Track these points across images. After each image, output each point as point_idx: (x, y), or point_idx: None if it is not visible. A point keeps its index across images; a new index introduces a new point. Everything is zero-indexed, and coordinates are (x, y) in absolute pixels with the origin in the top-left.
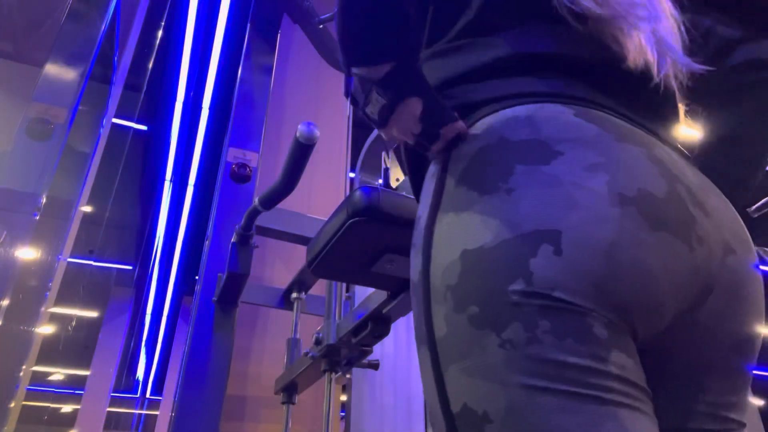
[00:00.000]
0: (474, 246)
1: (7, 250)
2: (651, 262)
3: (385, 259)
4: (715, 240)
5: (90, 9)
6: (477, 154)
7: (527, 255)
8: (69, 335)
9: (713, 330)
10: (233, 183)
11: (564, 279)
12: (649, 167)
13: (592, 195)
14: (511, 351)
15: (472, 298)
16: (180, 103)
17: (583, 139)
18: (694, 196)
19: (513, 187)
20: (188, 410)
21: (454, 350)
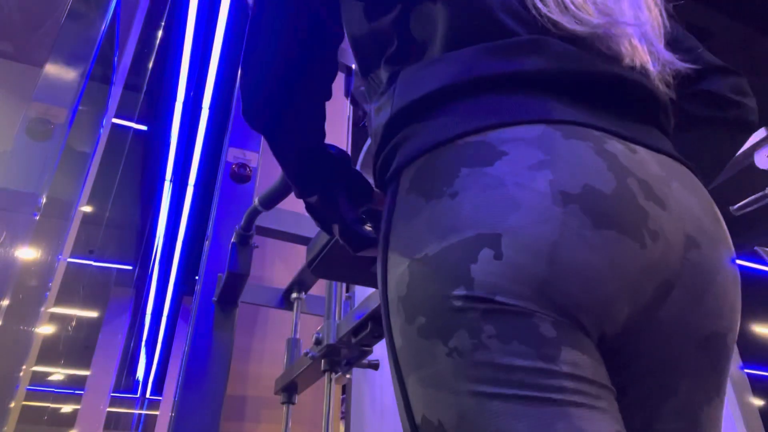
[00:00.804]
0: (419, 255)
1: (7, 250)
2: (595, 261)
3: None
4: (673, 234)
5: (90, 9)
6: (425, 159)
7: (468, 260)
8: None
9: (678, 327)
10: (233, 183)
11: (505, 283)
12: (596, 162)
13: (535, 195)
14: (459, 359)
15: (419, 308)
16: (180, 103)
17: (527, 138)
18: (650, 189)
19: (457, 190)
20: (188, 410)
21: (411, 361)
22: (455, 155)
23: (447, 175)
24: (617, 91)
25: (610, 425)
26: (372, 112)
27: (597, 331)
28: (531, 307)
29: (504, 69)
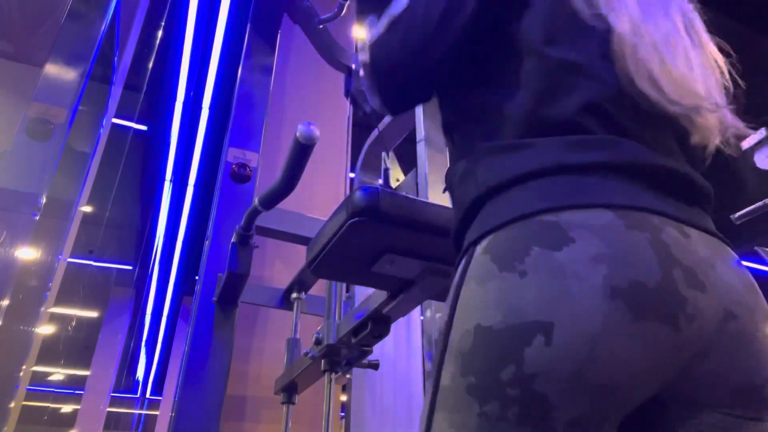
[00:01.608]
0: (486, 324)
1: (7, 250)
2: (630, 348)
3: (385, 260)
4: (710, 312)
5: (90, 9)
6: (505, 231)
7: (524, 344)
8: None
9: (713, 381)
10: (233, 183)
11: (546, 369)
12: (649, 255)
13: (588, 289)
14: (484, 421)
15: (473, 369)
16: (180, 103)
17: (594, 227)
18: (695, 275)
19: (526, 270)
20: (188, 410)
21: (449, 401)
22: (529, 233)
23: (520, 252)
24: (673, 180)
25: None
26: (455, 176)
27: (624, 406)
28: (557, 398)
29: (583, 159)
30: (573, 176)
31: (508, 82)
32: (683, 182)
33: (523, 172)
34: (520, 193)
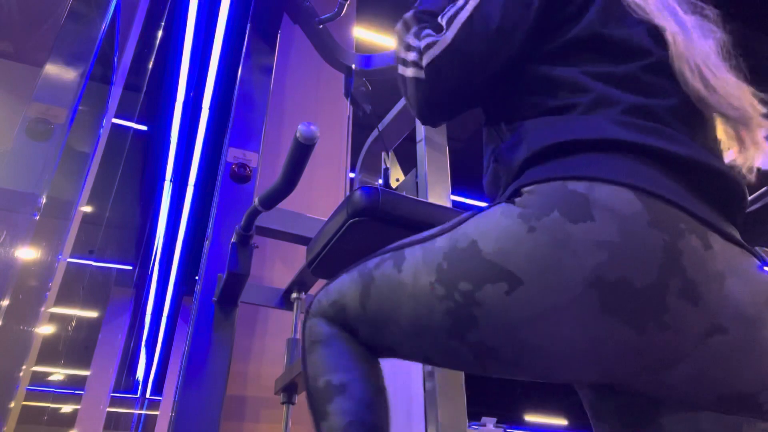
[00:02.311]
0: (481, 245)
1: (7, 250)
2: (584, 331)
3: None
4: (693, 324)
5: (90, 9)
6: (541, 186)
7: (489, 280)
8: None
9: (690, 389)
10: (233, 183)
11: (489, 305)
12: (654, 258)
13: (577, 269)
14: (428, 289)
15: (452, 260)
16: (180, 103)
17: (619, 214)
18: (693, 288)
19: (536, 227)
20: (188, 410)
21: (427, 253)
22: (558, 197)
23: (542, 210)
24: (715, 181)
25: None
26: (503, 150)
27: (546, 375)
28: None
29: (634, 139)
30: (619, 153)
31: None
32: (725, 185)
33: (571, 139)
34: (564, 159)
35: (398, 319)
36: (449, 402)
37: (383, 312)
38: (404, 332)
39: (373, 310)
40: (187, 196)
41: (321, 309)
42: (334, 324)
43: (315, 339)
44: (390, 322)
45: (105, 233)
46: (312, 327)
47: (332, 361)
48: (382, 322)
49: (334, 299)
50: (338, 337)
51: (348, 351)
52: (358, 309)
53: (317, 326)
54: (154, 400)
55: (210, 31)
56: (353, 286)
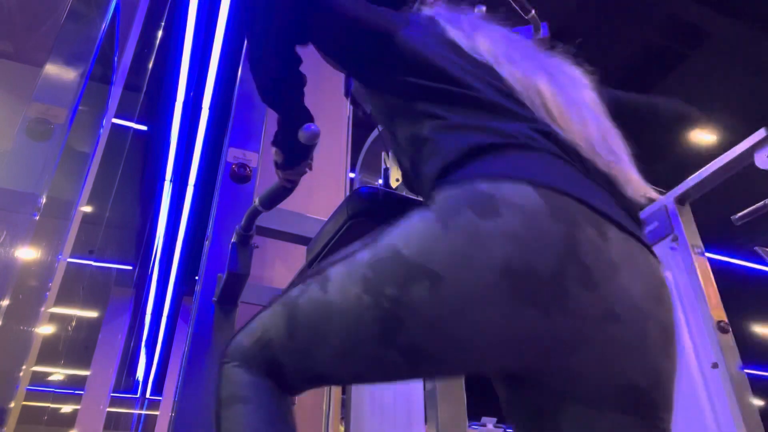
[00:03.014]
0: (403, 249)
1: (7, 250)
2: (491, 321)
3: None
4: (590, 309)
5: (90, 9)
6: (454, 185)
7: (412, 281)
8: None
9: (590, 376)
10: (233, 183)
11: (414, 306)
12: (557, 247)
13: (487, 260)
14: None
15: (376, 270)
16: (180, 103)
17: (523, 209)
18: (589, 275)
19: (451, 226)
20: (188, 410)
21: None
22: (468, 197)
23: (455, 210)
24: (608, 183)
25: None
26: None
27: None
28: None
29: (531, 143)
30: (521, 153)
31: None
32: (617, 191)
33: (476, 144)
34: (472, 162)
35: (329, 338)
36: (449, 402)
37: (313, 335)
38: (336, 351)
39: (301, 337)
40: (187, 196)
41: (241, 350)
42: (255, 368)
43: (233, 392)
44: (320, 344)
45: (105, 233)
46: (229, 376)
47: (247, 422)
48: (312, 348)
49: (258, 336)
50: (258, 391)
51: (266, 413)
52: (285, 339)
53: (236, 375)
54: (154, 400)
55: (210, 31)
56: (278, 319)
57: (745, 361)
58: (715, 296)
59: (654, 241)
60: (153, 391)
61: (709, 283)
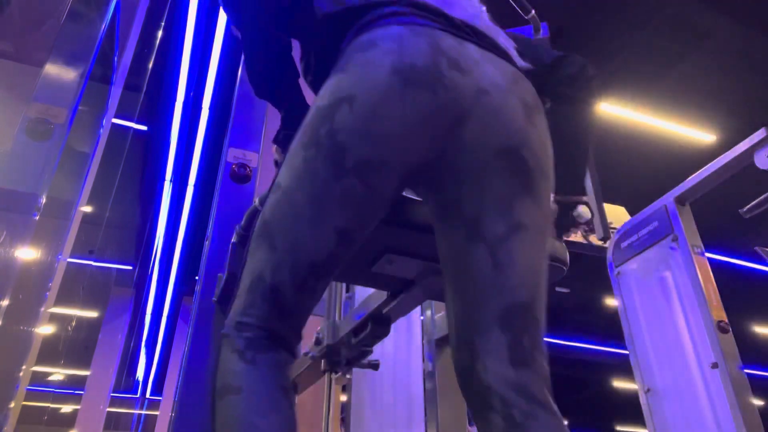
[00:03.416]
0: (319, 104)
1: (7, 250)
2: (401, 108)
3: (385, 260)
4: (466, 87)
5: (90, 9)
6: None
7: (335, 111)
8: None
9: (478, 143)
10: (233, 183)
11: (345, 126)
12: (423, 50)
13: (380, 69)
14: (304, 161)
15: (306, 131)
16: (180, 103)
17: (392, 36)
18: (457, 64)
19: (347, 68)
20: (188, 410)
21: (288, 160)
22: (354, 48)
23: (347, 60)
24: (465, 25)
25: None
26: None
27: (400, 154)
28: (352, 143)
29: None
30: (391, 17)
31: None
32: (478, 32)
33: (360, 4)
34: (357, 25)
35: (301, 215)
36: (449, 402)
37: (289, 224)
38: (312, 220)
39: (281, 238)
40: (187, 196)
41: (235, 321)
42: (256, 329)
43: (226, 383)
44: (299, 227)
45: (105, 233)
46: (225, 363)
47: (239, 414)
48: (293, 237)
49: (249, 282)
50: (250, 379)
51: (258, 403)
52: (271, 257)
53: (230, 362)
54: (154, 400)
55: (210, 31)
56: (256, 252)
57: (745, 361)
58: (715, 296)
59: (654, 241)
60: (153, 391)
61: (709, 283)
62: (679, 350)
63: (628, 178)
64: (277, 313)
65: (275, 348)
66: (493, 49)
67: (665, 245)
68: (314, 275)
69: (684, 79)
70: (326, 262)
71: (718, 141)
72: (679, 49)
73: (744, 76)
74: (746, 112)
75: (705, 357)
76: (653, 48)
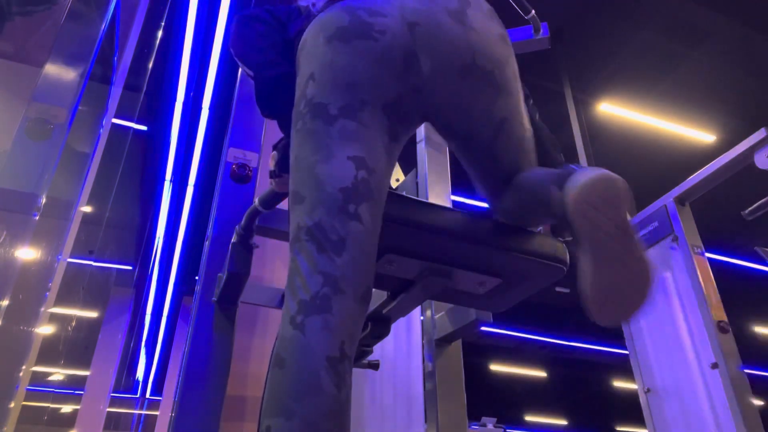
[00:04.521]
0: (309, 70)
1: (7, 250)
2: (351, 60)
3: (385, 260)
4: (394, 27)
5: (90, 9)
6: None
7: (306, 85)
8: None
9: (440, 73)
10: (233, 183)
11: (314, 92)
12: (340, 15)
13: (319, 44)
14: (302, 127)
15: (294, 115)
16: (180, 103)
17: (315, 26)
18: (374, 11)
19: (300, 64)
20: (188, 410)
21: (294, 131)
22: (299, 51)
23: (298, 59)
24: None
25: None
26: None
27: (372, 93)
28: (327, 98)
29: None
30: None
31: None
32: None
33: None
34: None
35: (314, 162)
36: (449, 402)
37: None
38: (323, 162)
39: (306, 187)
40: (187, 196)
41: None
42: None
43: (277, 352)
44: (317, 172)
45: (105, 233)
46: (281, 328)
47: (277, 394)
48: (316, 180)
49: (291, 246)
50: (299, 355)
51: (298, 381)
52: (302, 208)
53: (283, 328)
54: (154, 400)
55: (210, 31)
56: (293, 220)
57: (745, 361)
58: (715, 296)
59: (654, 241)
60: (153, 391)
61: (709, 283)
62: (679, 350)
63: (628, 178)
64: (325, 251)
65: (327, 307)
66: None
67: (665, 245)
68: (352, 200)
69: (684, 79)
70: (357, 186)
71: (718, 141)
72: (679, 49)
73: (744, 76)
74: (746, 112)
75: (705, 357)
76: (653, 48)
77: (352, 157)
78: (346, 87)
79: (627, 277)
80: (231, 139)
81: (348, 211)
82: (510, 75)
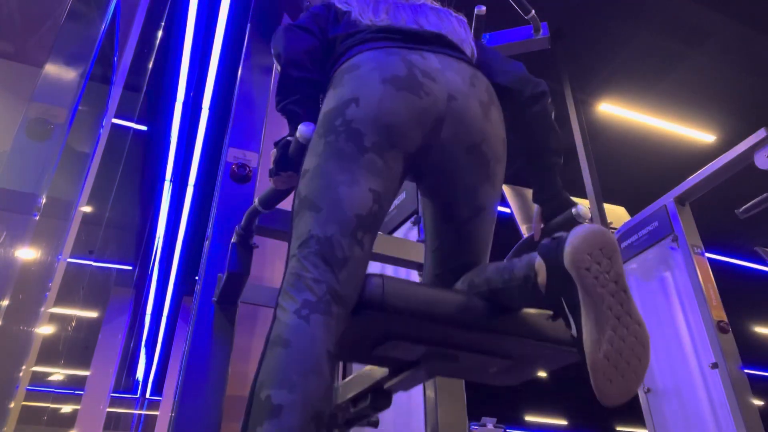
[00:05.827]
0: (326, 108)
1: (7, 250)
2: (397, 105)
3: (388, 345)
4: (439, 93)
5: (90, 9)
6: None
7: (346, 108)
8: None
9: (452, 142)
10: (233, 183)
11: (357, 117)
12: (399, 64)
13: (372, 81)
14: (328, 145)
15: (323, 125)
16: (180, 103)
17: (373, 61)
18: (428, 74)
19: (343, 83)
20: (188, 410)
21: (310, 149)
22: (342, 71)
23: (338, 80)
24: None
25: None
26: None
27: (403, 140)
28: (366, 129)
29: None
30: (364, 44)
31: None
32: (430, 36)
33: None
34: (341, 57)
35: (338, 181)
36: (449, 402)
37: (328, 190)
38: (347, 184)
39: (325, 200)
40: (187, 196)
41: (292, 279)
42: (310, 292)
43: (278, 333)
44: (340, 190)
45: (105, 233)
46: (282, 315)
47: (281, 369)
48: (337, 198)
49: (296, 251)
50: (300, 336)
51: (302, 361)
52: (317, 218)
53: (286, 316)
54: (154, 400)
55: (210, 31)
56: (298, 226)
57: (745, 361)
58: (715, 296)
59: (654, 242)
60: (153, 391)
61: (709, 283)
62: (679, 350)
63: (628, 178)
64: (330, 265)
65: (329, 311)
66: (452, 52)
67: (665, 245)
68: (361, 227)
69: (684, 78)
70: (369, 217)
71: (718, 141)
72: (679, 49)
73: (744, 76)
74: (746, 112)
75: (705, 357)
76: (653, 48)
77: (373, 190)
78: (385, 127)
79: (629, 343)
80: (231, 139)
81: (356, 237)
82: (500, 173)
